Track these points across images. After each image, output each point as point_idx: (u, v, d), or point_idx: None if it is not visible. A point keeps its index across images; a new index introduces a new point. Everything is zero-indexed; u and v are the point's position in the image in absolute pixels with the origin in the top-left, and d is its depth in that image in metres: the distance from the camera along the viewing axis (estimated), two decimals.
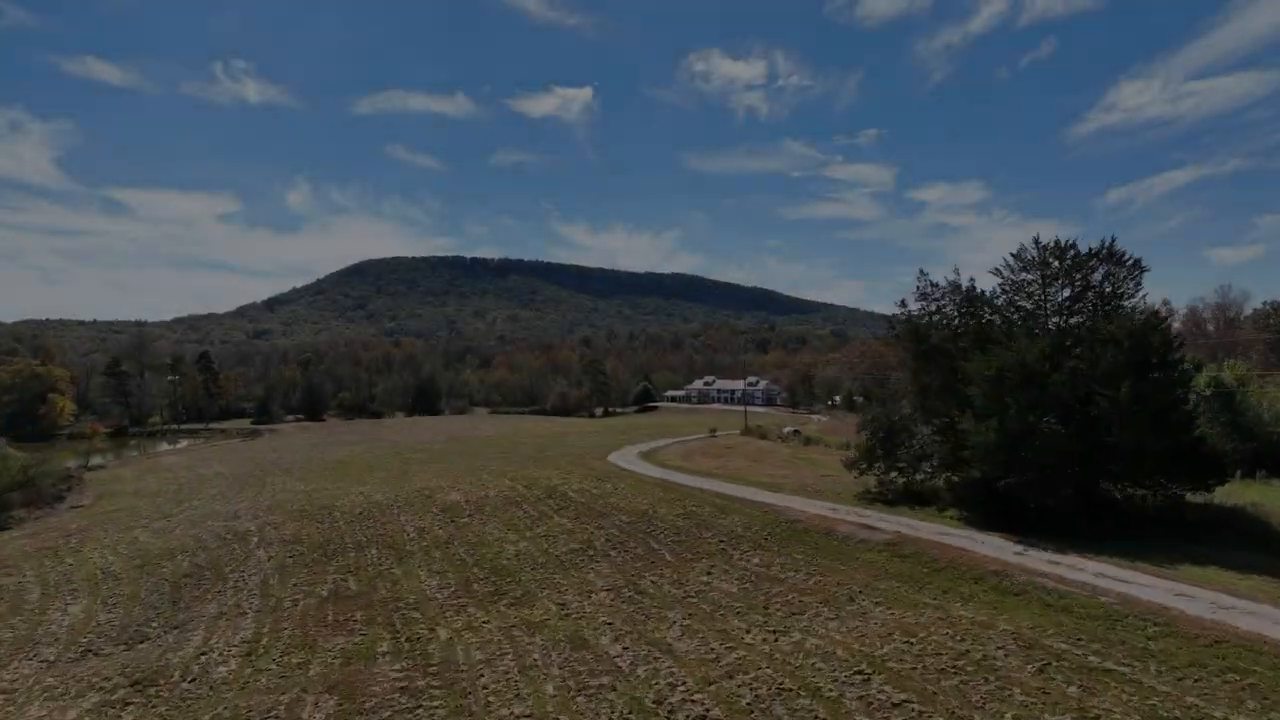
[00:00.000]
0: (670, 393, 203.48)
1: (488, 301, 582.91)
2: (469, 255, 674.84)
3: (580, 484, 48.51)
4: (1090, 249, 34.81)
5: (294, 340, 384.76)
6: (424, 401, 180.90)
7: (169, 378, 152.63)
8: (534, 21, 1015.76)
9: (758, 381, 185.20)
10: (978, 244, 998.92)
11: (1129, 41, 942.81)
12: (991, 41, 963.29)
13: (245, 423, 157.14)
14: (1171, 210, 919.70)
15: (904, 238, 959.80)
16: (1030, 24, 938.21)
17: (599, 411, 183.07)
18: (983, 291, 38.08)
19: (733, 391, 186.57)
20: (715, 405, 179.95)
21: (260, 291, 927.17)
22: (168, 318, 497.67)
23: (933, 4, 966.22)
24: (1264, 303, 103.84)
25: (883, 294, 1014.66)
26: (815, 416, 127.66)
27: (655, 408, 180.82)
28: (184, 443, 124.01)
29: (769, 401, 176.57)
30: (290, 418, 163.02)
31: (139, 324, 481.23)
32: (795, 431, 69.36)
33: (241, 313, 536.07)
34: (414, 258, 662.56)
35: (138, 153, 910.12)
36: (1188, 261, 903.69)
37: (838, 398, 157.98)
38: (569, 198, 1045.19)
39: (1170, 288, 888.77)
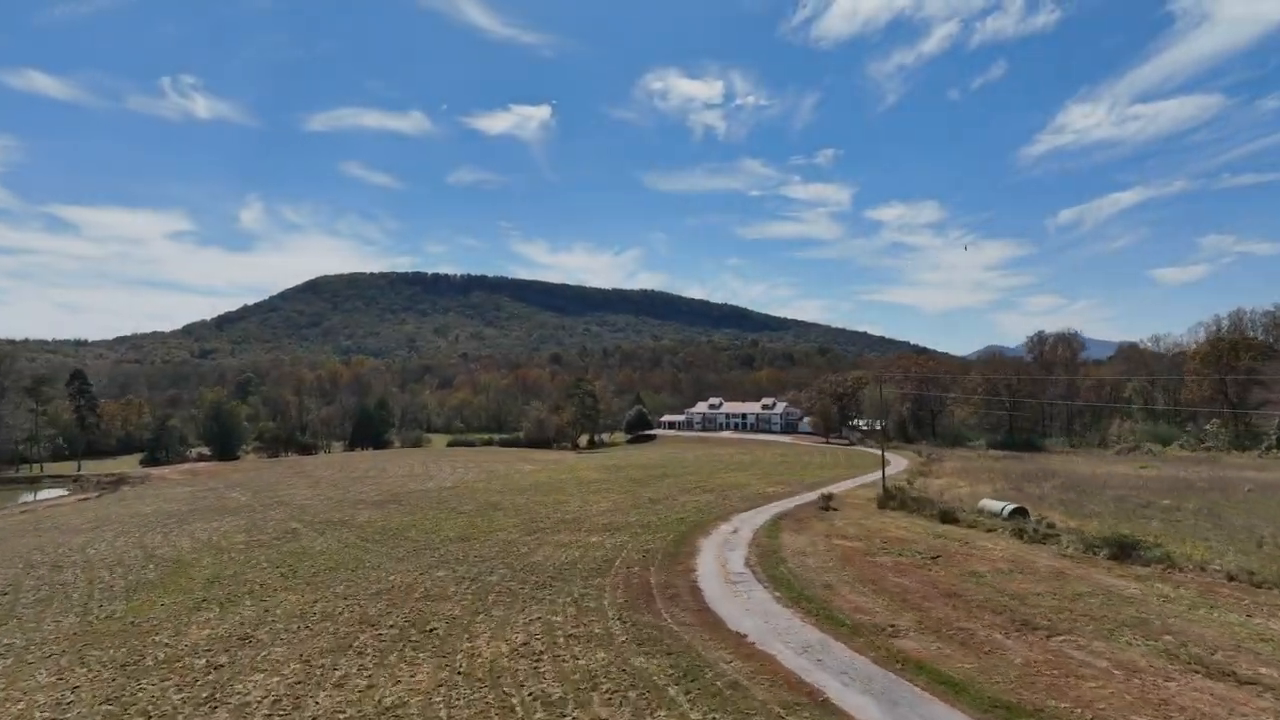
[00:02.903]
0: (668, 418, 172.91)
1: (450, 319, 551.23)
2: (430, 271, 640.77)
3: None
4: None
5: (240, 360, 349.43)
6: (368, 431, 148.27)
7: (30, 406, 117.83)
8: (490, 39, 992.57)
9: (774, 404, 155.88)
10: (934, 263, 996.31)
11: (1077, 64, 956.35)
12: (944, 63, 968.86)
13: (135, 461, 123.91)
14: (1119, 230, 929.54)
15: (862, 257, 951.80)
16: (981, 46, 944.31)
17: (583, 441, 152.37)
18: None
19: (744, 416, 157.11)
20: (725, 433, 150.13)
21: (212, 311, 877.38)
22: (110, 337, 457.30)
23: (886, 25, 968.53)
24: None
25: (843, 313, 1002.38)
26: (898, 460, 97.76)
27: (653, 437, 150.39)
28: (38, 495, 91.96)
29: (788, 428, 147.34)
30: (194, 454, 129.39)
31: (77, 343, 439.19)
32: (1020, 511, 38.75)
33: (189, 331, 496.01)
34: (372, 274, 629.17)
35: (83, 169, 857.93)
36: (1134, 281, 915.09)
37: (886, 423, 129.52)
38: (528, 216, 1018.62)
39: (1119, 307, 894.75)
